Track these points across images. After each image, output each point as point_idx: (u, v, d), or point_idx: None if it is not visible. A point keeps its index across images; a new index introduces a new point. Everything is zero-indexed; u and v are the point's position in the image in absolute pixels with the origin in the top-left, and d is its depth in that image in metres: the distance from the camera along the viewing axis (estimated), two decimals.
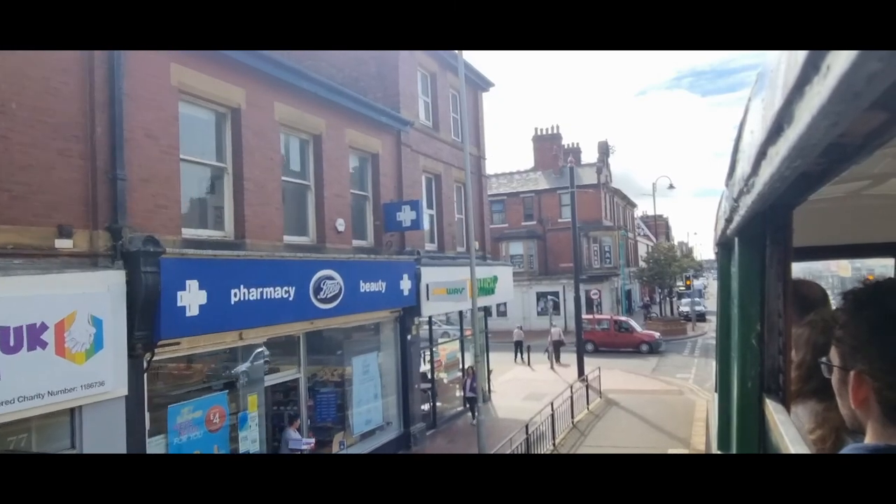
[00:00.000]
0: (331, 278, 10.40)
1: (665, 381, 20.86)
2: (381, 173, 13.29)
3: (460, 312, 18.73)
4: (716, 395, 2.72)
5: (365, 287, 11.47)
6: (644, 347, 27.96)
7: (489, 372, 20.50)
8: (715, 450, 2.41)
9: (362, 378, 12.37)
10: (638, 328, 29.23)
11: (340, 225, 11.51)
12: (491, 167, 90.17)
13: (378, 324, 13.40)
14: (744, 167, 1.22)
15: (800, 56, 0.66)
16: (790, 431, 1.30)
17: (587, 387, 17.11)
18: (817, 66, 0.62)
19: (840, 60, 0.56)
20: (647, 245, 54.24)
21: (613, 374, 22.39)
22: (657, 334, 29.00)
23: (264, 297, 8.85)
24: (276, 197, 9.88)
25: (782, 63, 0.77)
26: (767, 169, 0.99)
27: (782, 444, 1.29)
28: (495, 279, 17.63)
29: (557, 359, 26.96)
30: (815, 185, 1.23)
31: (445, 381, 16.53)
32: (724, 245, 2.25)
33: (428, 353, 15.41)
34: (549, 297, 39.22)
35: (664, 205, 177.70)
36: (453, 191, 17.02)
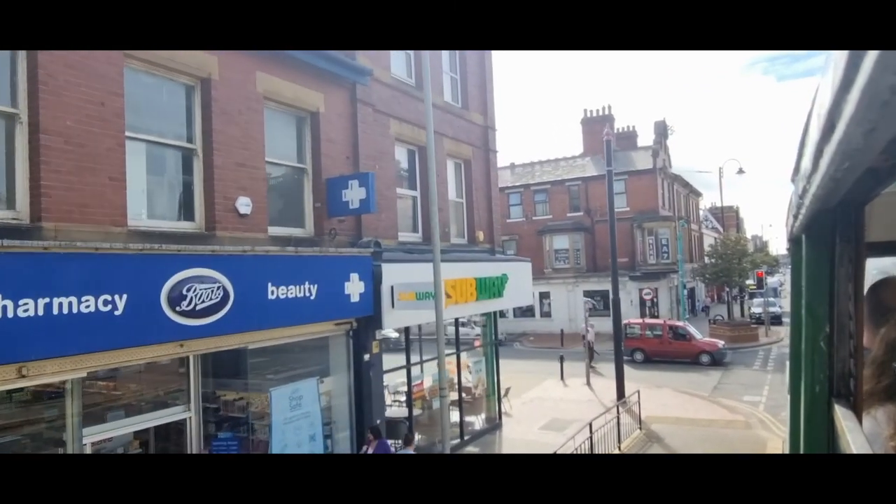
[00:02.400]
0: (206, 281, 7.17)
1: (727, 408, 16.58)
2: (325, 139, 9.96)
3: (485, 316, 15.20)
4: (788, 397, 2.37)
5: (278, 292, 8.19)
6: (704, 358, 23.48)
7: (503, 392, 16.90)
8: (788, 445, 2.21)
9: (290, 415, 9.10)
10: (697, 335, 24.73)
11: (244, 206, 8.26)
12: (537, 154, 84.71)
13: (327, 338, 10.12)
14: (806, 164, 1.19)
15: (843, 54, 0.65)
16: (858, 439, 1.24)
17: (618, 417, 13.21)
18: (858, 66, 0.60)
19: (865, 68, 0.56)
20: (715, 238, 48.68)
21: (662, 395, 18.28)
22: (721, 343, 24.41)
23: (56, 311, 5.70)
24: (112, 162, 6.71)
25: (832, 59, 0.75)
26: (824, 167, 0.96)
27: (849, 452, 1.23)
28: (504, 279, 14.00)
29: (590, 361, 23.10)
30: (887, 181, 1.14)
31: (434, 408, 13.08)
32: (794, 241, 2.03)
33: (404, 374, 12.00)
34: (589, 297, 34.90)
35: (736, 195, 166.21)
36: (446, 167, 13.50)
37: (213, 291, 7.22)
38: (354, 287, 9.62)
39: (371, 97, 10.91)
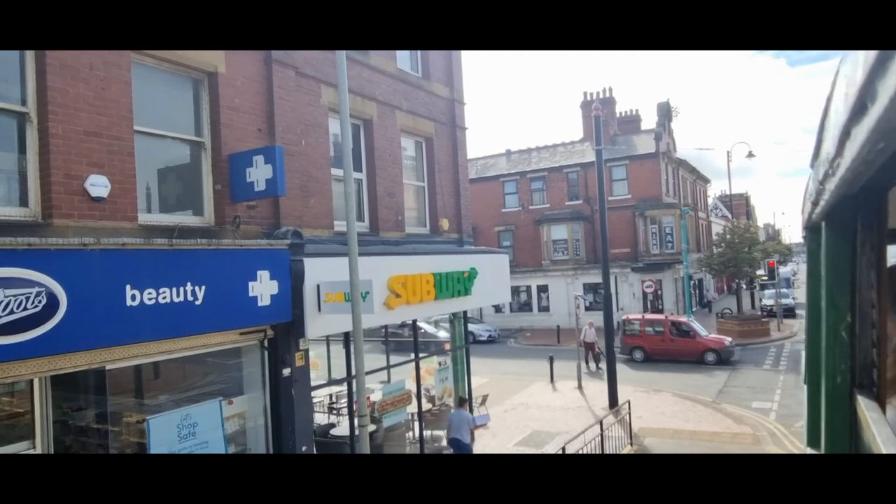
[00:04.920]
0: (16, 284, 5.37)
1: (733, 416, 14.65)
2: (228, 107, 8.13)
3: (459, 314, 13.42)
4: (805, 388, 2.32)
5: (143, 297, 6.38)
6: (710, 357, 21.53)
7: (481, 400, 15.11)
8: (804, 447, 2.18)
9: (180, 446, 7.32)
10: (702, 331, 22.76)
11: (98, 187, 6.46)
12: (539, 142, 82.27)
13: (239, 349, 8.35)
14: (828, 148, 1.16)
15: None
16: (884, 431, 1.19)
17: (602, 434, 11.35)
18: None
19: None
20: (724, 226, 46.44)
21: (660, 401, 16.38)
22: (728, 340, 22.42)
23: None
24: None
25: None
26: (851, 151, 0.93)
27: (874, 444, 1.20)
28: (473, 274, 12.15)
29: (595, 363, 21.61)
30: None
31: (383, 427, 11.26)
32: (812, 229, 2.07)
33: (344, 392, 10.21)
34: (589, 290, 32.96)
35: (747, 185, 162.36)
36: (399, 146, 11.64)
37: (29, 299, 5.43)
38: (263, 287, 7.80)
39: (293, 58, 9.05)
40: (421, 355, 12.97)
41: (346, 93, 7.29)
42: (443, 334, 33.58)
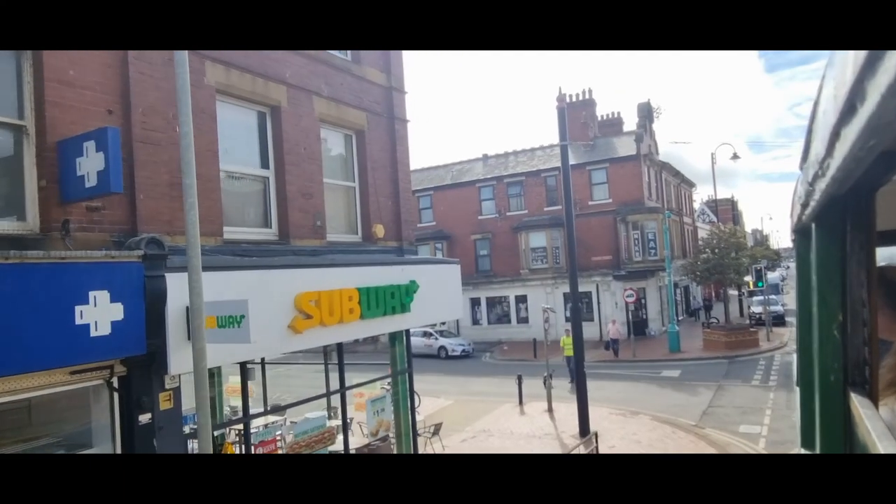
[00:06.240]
0: None
1: (717, 445, 12.90)
2: (59, 80, 6.35)
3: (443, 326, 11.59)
4: (797, 389, 2.31)
5: None
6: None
7: (432, 430, 13.33)
8: (799, 448, 2.20)
9: None
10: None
11: None
12: (514, 144, 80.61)
13: (87, 390, 6.54)
14: (818, 149, 1.21)
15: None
16: (878, 427, 1.20)
17: None
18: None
19: None
20: (709, 231, 44.98)
21: (638, 426, 14.63)
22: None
23: None
24: None
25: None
26: (842, 151, 0.97)
27: (869, 441, 1.21)
28: (412, 287, 10.40)
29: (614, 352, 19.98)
30: None
31: None
32: (801, 231, 2.08)
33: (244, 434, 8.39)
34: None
35: (736, 190, 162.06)
36: (318, 138, 9.88)
37: None
38: (99, 313, 5.99)
39: None
40: (357, 382, 11.25)
41: (185, 56, 5.53)
42: (443, 341, 31.36)
